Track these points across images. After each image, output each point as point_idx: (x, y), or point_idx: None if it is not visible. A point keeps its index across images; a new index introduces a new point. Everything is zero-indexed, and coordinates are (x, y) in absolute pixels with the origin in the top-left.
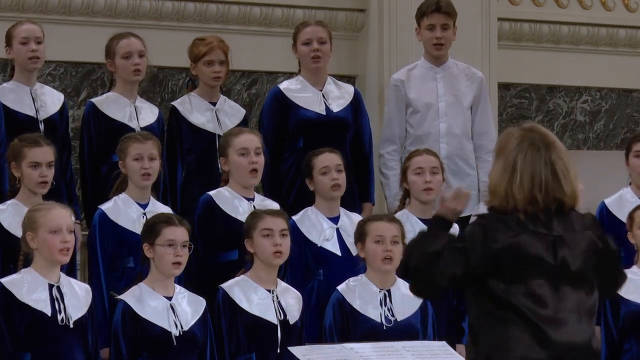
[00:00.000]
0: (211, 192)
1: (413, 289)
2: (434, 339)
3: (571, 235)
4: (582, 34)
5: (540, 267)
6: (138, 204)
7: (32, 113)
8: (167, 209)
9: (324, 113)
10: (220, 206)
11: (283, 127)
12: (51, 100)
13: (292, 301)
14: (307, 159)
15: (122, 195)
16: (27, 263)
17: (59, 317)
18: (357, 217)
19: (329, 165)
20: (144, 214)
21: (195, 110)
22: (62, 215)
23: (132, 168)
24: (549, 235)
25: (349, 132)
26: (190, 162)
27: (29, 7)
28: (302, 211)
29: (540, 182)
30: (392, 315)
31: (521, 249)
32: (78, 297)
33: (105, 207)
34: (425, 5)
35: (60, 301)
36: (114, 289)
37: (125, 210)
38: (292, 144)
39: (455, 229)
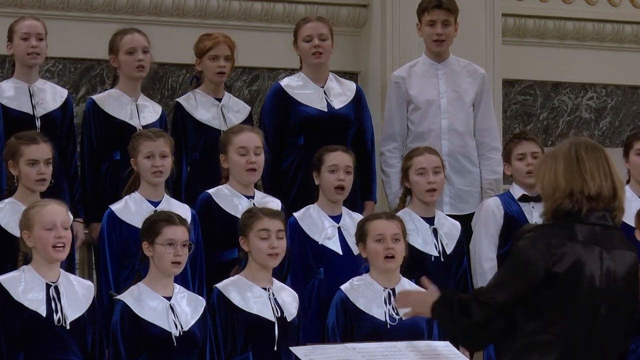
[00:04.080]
0: (210, 191)
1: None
2: (440, 339)
3: (617, 252)
4: (588, 30)
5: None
6: (150, 201)
7: (28, 110)
8: (183, 206)
9: (326, 110)
10: (220, 204)
11: (284, 124)
12: (52, 96)
13: (289, 299)
14: (319, 152)
15: (134, 194)
16: (26, 263)
17: (55, 318)
18: (359, 217)
19: (338, 165)
20: (155, 211)
21: (201, 106)
22: (56, 211)
23: (143, 166)
24: (597, 248)
25: (350, 129)
26: (194, 159)
27: (27, 2)
28: (304, 209)
29: (605, 173)
30: (397, 314)
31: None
32: (77, 297)
33: (114, 207)
34: (426, 1)
35: (57, 301)
36: (123, 289)
37: (136, 209)
38: (293, 141)
39: (457, 227)
